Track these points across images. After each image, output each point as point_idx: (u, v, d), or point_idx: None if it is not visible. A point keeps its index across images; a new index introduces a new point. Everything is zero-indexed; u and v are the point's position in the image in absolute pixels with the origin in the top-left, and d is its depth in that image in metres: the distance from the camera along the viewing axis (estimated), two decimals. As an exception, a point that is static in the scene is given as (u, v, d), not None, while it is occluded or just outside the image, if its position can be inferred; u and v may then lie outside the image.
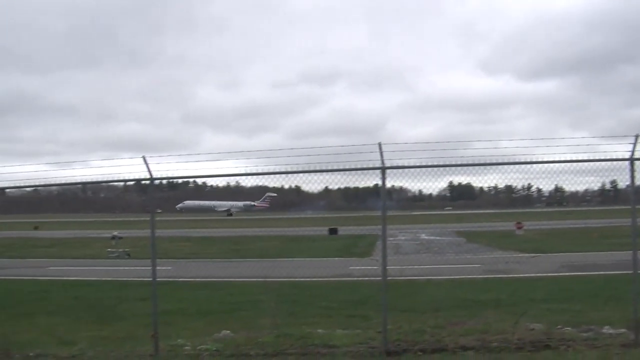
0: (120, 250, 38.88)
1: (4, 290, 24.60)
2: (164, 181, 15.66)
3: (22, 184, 15.30)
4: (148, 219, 13.70)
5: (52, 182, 15.68)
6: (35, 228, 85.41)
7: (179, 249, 41.97)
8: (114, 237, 40.68)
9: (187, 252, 41.12)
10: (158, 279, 13.62)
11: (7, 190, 15.82)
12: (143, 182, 13.87)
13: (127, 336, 14.93)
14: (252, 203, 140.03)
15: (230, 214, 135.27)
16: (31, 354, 13.42)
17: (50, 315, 18.59)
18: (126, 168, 13.13)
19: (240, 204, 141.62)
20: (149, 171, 12.99)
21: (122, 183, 17.90)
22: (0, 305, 20.72)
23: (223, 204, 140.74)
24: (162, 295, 15.12)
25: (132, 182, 16.50)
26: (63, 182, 15.49)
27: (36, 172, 14.03)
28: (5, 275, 29.94)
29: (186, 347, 13.41)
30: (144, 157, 12.90)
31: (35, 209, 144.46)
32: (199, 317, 17.64)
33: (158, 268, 13.58)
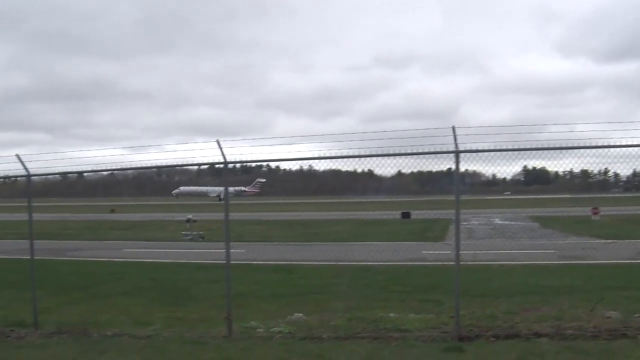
0: (194, 232, 39.42)
1: (83, 271, 25.17)
2: (238, 165, 15.80)
3: (99, 168, 15.59)
4: (222, 202, 13.82)
5: (128, 166, 15.96)
6: (112, 211, 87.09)
7: (252, 232, 42.31)
8: (188, 220, 41.18)
9: (260, 235, 41.43)
10: (231, 262, 13.75)
11: (85, 174, 16.12)
12: (217, 165, 13.99)
13: (201, 317, 15.12)
14: (243, 188, 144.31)
15: (220, 199, 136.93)
16: (108, 333, 13.70)
17: (126, 296, 18.95)
18: (200, 152, 13.24)
19: (231, 189, 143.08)
20: (223, 155, 13.09)
21: (196, 167, 18.10)
22: (79, 285, 21.22)
23: (214, 189, 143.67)
24: (236, 277, 15.28)
25: (206, 166, 16.70)
26: (139, 165, 15.74)
27: (112, 156, 14.33)
28: (83, 257, 30.64)
29: (259, 329, 13.51)
30: (217, 141, 13.00)
31: (111, 192, 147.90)
32: (271, 300, 17.74)
33: (231, 251, 13.70)
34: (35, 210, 15.52)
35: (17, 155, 14.57)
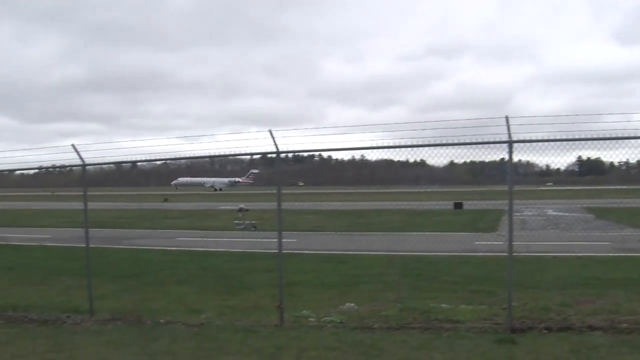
0: (247, 222, 39.54)
1: (137, 260, 25.50)
2: (290, 155, 15.83)
3: (152, 158, 15.77)
4: (273, 191, 13.89)
5: (182, 156, 16.11)
6: (165, 200, 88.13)
7: (304, 222, 42.40)
8: (240, 210, 41.45)
9: (312, 224, 41.50)
10: (284, 251, 13.82)
11: (139, 163, 16.33)
12: (269, 155, 14.06)
13: (253, 306, 15.23)
14: (237, 179, 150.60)
15: (215, 190, 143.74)
16: (161, 321, 13.87)
17: (179, 284, 19.16)
18: (253, 142, 13.33)
19: (226, 180, 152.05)
20: (275, 145, 13.15)
21: (248, 157, 18.21)
22: (133, 273, 21.51)
23: (209, 180, 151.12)
24: (288, 267, 15.35)
25: (258, 156, 16.76)
26: (192, 155, 15.88)
27: (166, 146, 14.40)
28: (138, 245, 31.02)
29: (311, 319, 13.57)
30: (270, 131, 13.06)
31: (165, 182, 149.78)
32: (323, 289, 17.78)
33: (283, 240, 13.78)
34: (90, 199, 15.77)
35: (73, 145, 14.80)
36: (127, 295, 17.25)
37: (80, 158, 14.82)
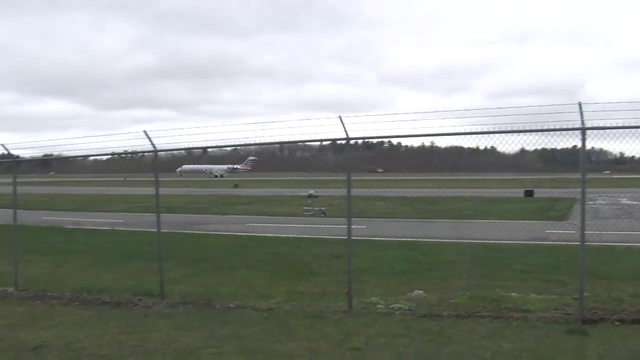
0: (316, 208, 39.69)
1: (208, 244, 25.84)
2: (360, 141, 15.74)
3: (222, 144, 15.95)
4: (343, 178, 13.92)
5: (252, 142, 16.22)
6: (235, 186, 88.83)
7: (374, 208, 42.34)
8: (309, 196, 41.58)
9: (381, 211, 41.41)
10: (353, 237, 13.85)
11: (209, 149, 16.52)
12: (339, 141, 14.09)
13: (322, 292, 15.29)
14: (236, 166, 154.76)
15: (215, 176, 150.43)
16: (231, 305, 14.06)
17: (249, 269, 19.34)
18: (322, 128, 13.33)
19: (225, 167, 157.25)
20: (345, 131, 13.15)
21: (318, 142, 18.26)
22: (203, 258, 21.79)
23: (212, 167, 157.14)
24: (356, 253, 15.35)
25: (328, 142, 16.81)
26: (261, 141, 15.99)
27: (236, 132, 14.56)
28: (208, 231, 31.42)
29: (379, 305, 13.59)
30: (340, 117, 13.06)
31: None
32: (392, 276, 17.75)
33: (353, 227, 13.82)
34: (162, 185, 16.02)
35: (145, 132, 15.05)
36: (197, 280, 17.49)
37: (152, 144, 15.05)
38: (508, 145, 14.75)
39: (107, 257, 22.14)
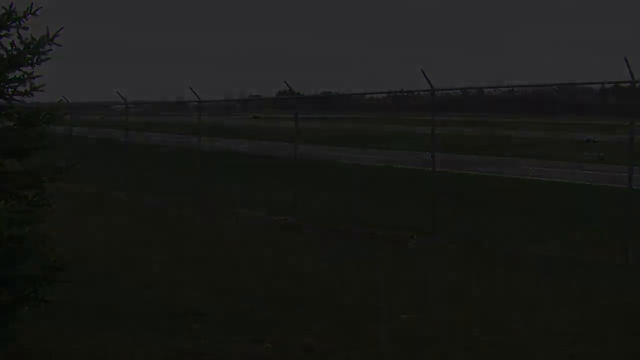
0: (594, 154, 38.41)
1: (481, 186, 25.76)
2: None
3: (496, 84, 15.57)
4: (626, 123, 13.19)
5: (529, 83, 15.72)
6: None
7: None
8: (587, 141, 40.16)
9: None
10: (634, 187, 13.12)
11: (485, 89, 16.14)
12: (623, 84, 13.31)
13: (598, 243, 14.61)
14: None
15: None
16: (500, 249, 13.94)
17: (522, 214, 18.79)
18: (604, 70, 12.62)
19: None
20: (631, 73, 12.35)
21: (598, 85, 17.38)
22: (476, 200, 21.41)
23: None
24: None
25: (610, 85, 15.94)
26: (538, 83, 15.48)
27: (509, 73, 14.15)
28: (482, 172, 31.17)
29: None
30: (625, 58, 12.27)
31: (511, 109, 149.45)
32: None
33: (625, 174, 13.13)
34: (438, 125, 16.06)
35: (422, 70, 15.08)
36: (469, 220, 17.48)
37: (429, 83, 15.07)
38: None
39: (380, 194, 22.77)
